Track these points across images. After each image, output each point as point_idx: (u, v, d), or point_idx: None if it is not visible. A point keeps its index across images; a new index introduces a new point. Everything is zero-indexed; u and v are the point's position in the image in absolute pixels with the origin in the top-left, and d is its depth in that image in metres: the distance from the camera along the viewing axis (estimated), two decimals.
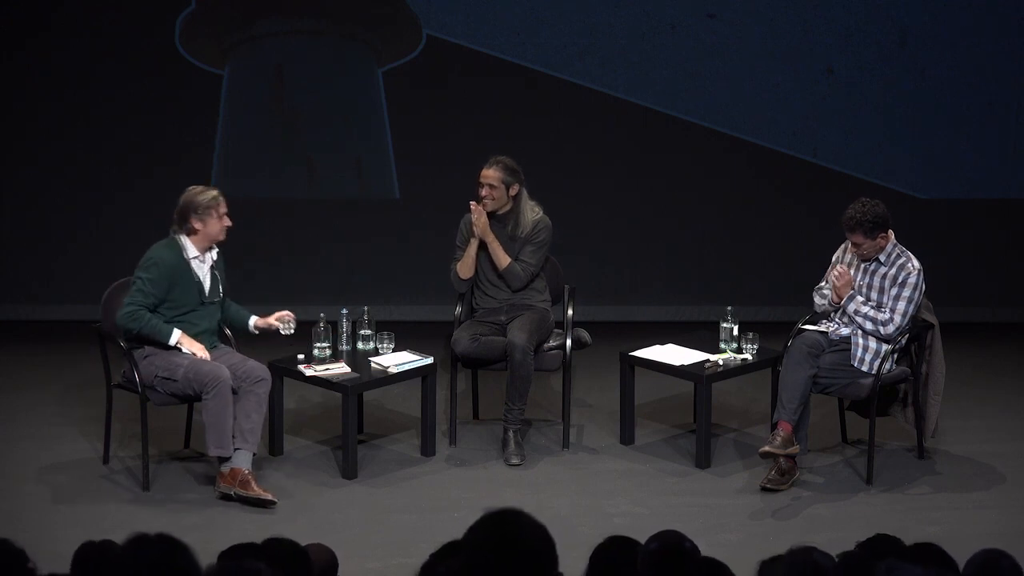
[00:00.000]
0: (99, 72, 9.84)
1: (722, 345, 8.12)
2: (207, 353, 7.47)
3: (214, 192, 7.53)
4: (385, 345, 8.05)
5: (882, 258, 7.65)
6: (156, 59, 9.83)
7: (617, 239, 10.04)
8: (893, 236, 7.69)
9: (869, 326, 7.59)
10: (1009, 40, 9.82)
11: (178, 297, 7.48)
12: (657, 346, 8.22)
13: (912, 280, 7.60)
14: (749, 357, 8.07)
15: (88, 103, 9.88)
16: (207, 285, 7.57)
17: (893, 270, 7.63)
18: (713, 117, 9.93)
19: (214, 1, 9.87)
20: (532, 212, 8.08)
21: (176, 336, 7.44)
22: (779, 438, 7.51)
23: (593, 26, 9.81)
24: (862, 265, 7.70)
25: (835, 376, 7.62)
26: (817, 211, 9.84)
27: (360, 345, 8.11)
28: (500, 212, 8.03)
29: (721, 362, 8.00)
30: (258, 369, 7.53)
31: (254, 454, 7.42)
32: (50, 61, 9.82)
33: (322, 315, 7.96)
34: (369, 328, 8.13)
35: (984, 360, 9.46)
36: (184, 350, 7.45)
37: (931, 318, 7.82)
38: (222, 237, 7.58)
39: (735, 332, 8.13)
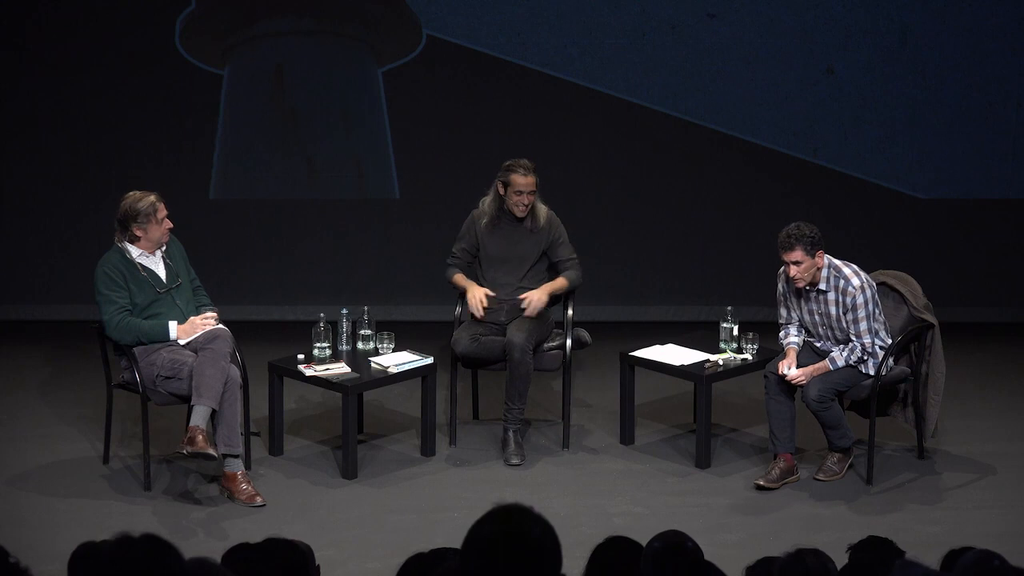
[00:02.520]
0: (99, 72, 9.84)
1: (722, 345, 8.13)
2: (205, 322, 7.53)
3: (152, 198, 7.54)
4: (385, 345, 8.05)
5: (823, 286, 7.55)
6: (156, 59, 9.83)
7: (617, 239, 10.04)
8: (826, 258, 7.54)
9: (863, 366, 7.59)
10: (1009, 40, 9.82)
11: (135, 296, 7.52)
12: (657, 346, 8.22)
13: (859, 301, 7.50)
14: (749, 357, 8.07)
15: (88, 103, 9.88)
16: (162, 274, 7.60)
17: (839, 296, 7.55)
18: (713, 117, 9.93)
19: (214, 1, 9.87)
20: (542, 208, 8.13)
21: (174, 330, 7.48)
22: (777, 469, 7.60)
23: (593, 26, 9.81)
24: (811, 294, 7.62)
25: (852, 382, 7.61)
26: (817, 211, 9.84)
27: (360, 345, 8.11)
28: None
29: (721, 362, 8.00)
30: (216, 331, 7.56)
31: (213, 410, 7.37)
32: (50, 61, 9.82)
33: (322, 315, 7.96)
34: (369, 328, 8.13)
35: (984, 360, 9.46)
36: (182, 342, 7.49)
37: (931, 318, 7.82)
38: (166, 239, 7.58)
39: (735, 332, 8.13)
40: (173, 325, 7.51)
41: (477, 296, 8.01)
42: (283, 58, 9.94)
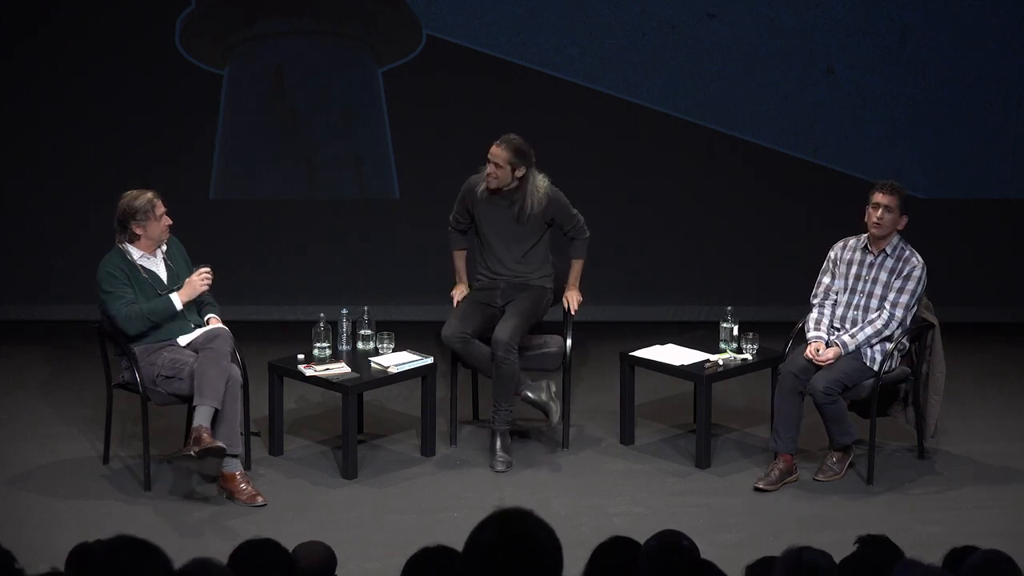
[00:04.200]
0: (99, 72, 9.84)
1: (722, 345, 8.13)
2: (202, 280, 7.55)
3: (149, 195, 7.55)
4: (385, 345, 8.05)
5: (888, 249, 7.66)
6: (156, 59, 9.83)
7: (617, 239, 10.03)
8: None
9: (876, 341, 7.61)
10: (1009, 40, 9.82)
11: (136, 296, 7.52)
12: (657, 346, 8.22)
13: (916, 274, 7.61)
14: (749, 357, 8.07)
15: (88, 103, 9.88)
16: (163, 276, 7.60)
17: (899, 264, 7.63)
18: (713, 117, 9.93)
19: (214, 1, 9.87)
20: (540, 189, 7.98)
21: (177, 301, 7.50)
22: (776, 471, 7.60)
23: (593, 26, 9.81)
24: (867, 260, 7.69)
25: (858, 378, 7.63)
26: (817, 211, 9.84)
27: (360, 345, 8.11)
28: (505, 189, 7.98)
29: (721, 362, 8.00)
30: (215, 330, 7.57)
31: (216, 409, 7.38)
32: (50, 61, 9.82)
33: (322, 315, 7.96)
34: (369, 328, 8.13)
35: (985, 360, 9.46)
36: (178, 304, 7.49)
37: (931, 318, 7.82)
38: (166, 236, 7.59)
39: (735, 332, 8.13)
40: (175, 296, 7.50)
41: (458, 295, 8.19)
42: (283, 58, 9.94)
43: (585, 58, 9.86)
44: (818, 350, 7.59)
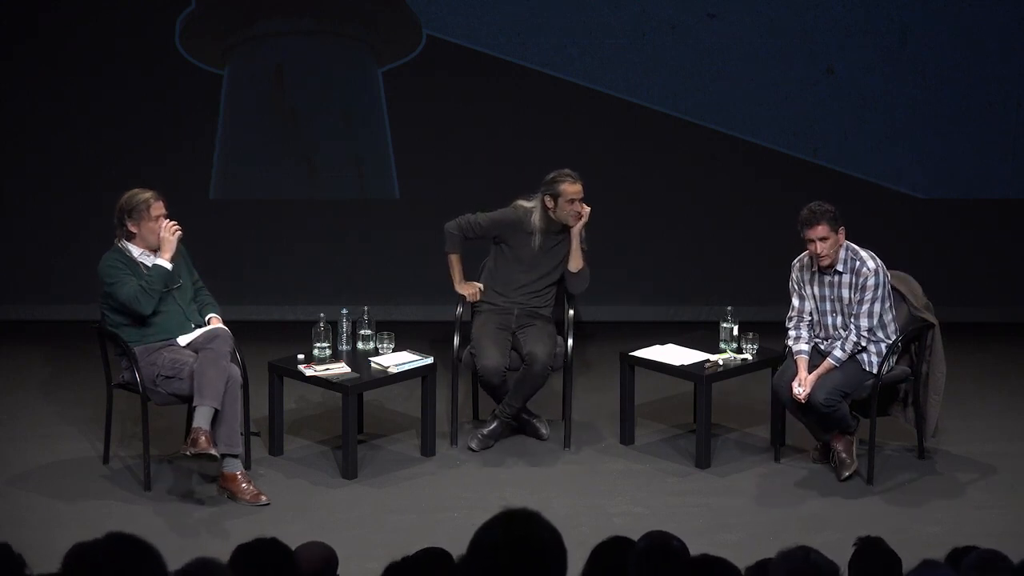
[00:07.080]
0: (99, 72, 9.84)
1: (722, 345, 8.13)
2: (171, 235, 7.50)
3: (147, 195, 7.53)
4: (385, 345, 8.05)
5: (840, 267, 7.61)
6: (156, 59, 9.83)
7: (617, 239, 10.03)
8: (844, 241, 7.63)
9: (860, 353, 7.60)
10: (1009, 40, 9.82)
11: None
12: (657, 346, 8.22)
13: (871, 283, 7.55)
14: (749, 357, 8.07)
15: (88, 102, 9.88)
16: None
17: (854, 278, 7.59)
18: (713, 117, 9.93)
19: (214, 1, 9.87)
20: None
21: (163, 262, 7.49)
22: (843, 452, 7.68)
23: (593, 26, 9.81)
24: (825, 279, 7.66)
25: (856, 383, 7.63)
26: None
27: (360, 345, 8.11)
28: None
29: (721, 362, 8.00)
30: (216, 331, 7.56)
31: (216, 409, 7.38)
32: (50, 61, 9.82)
33: (322, 315, 7.96)
34: (369, 328, 8.13)
35: (985, 360, 9.46)
36: (165, 263, 7.47)
37: (931, 318, 7.82)
38: (156, 241, 7.54)
39: (735, 332, 8.13)
40: (159, 260, 7.49)
41: (471, 290, 8.20)
42: (283, 58, 9.93)
43: (585, 58, 9.86)
44: (800, 383, 7.56)
